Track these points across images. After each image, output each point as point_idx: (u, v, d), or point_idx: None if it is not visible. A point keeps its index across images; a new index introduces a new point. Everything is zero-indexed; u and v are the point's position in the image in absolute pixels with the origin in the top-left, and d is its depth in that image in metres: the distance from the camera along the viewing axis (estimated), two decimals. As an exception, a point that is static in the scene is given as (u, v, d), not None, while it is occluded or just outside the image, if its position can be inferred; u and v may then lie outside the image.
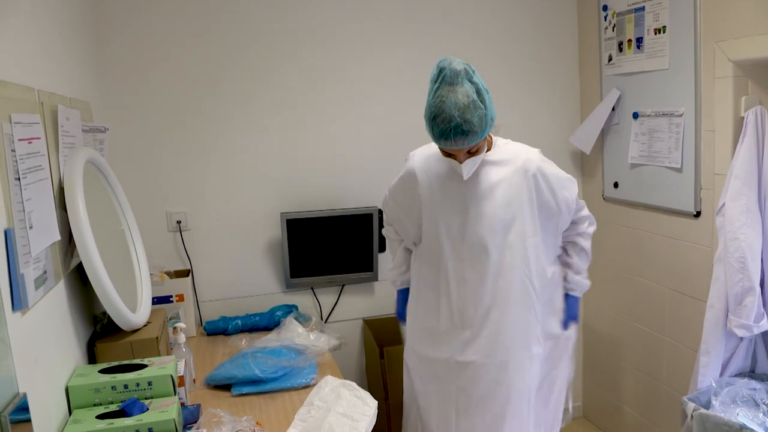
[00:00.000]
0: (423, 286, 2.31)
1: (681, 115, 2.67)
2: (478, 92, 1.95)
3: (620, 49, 3.01)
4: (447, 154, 2.09)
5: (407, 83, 3.07)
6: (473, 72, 1.97)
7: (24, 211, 1.41)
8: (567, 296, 2.37)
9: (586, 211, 2.34)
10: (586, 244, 2.36)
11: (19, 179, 1.40)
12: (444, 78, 1.95)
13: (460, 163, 2.06)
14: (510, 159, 2.16)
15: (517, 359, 2.19)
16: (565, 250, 2.37)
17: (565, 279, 2.36)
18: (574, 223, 2.31)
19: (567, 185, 2.22)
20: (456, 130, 1.92)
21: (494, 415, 2.22)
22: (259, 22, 2.91)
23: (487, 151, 2.16)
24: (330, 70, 3.03)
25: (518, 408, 2.22)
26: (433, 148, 2.21)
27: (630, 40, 2.93)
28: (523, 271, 2.17)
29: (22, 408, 1.24)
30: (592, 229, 2.37)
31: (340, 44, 3.03)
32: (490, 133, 2.15)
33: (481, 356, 2.19)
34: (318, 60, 3.00)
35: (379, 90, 3.09)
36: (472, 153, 2.06)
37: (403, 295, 2.47)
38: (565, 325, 2.35)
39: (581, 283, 2.37)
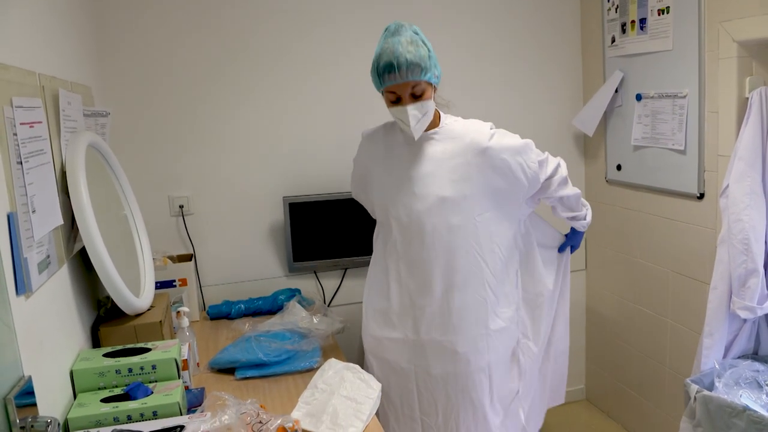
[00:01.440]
0: (375, 266, 2.35)
1: (684, 97, 2.66)
2: (423, 41, 2.02)
3: (623, 31, 2.99)
4: (392, 101, 2.07)
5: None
6: (419, 30, 2.05)
7: (26, 195, 1.41)
8: (572, 229, 2.47)
9: (551, 165, 2.28)
10: (567, 192, 2.33)
11: (21, 163, 1.39)
12: (388, 30, 2.04)
13: (405, 105, 2.03)
14: (457, 137, 2.15)
15: (472, 337, 2.19)
16: (554, 206, 2.41)
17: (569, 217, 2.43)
18: (548, 178, 2.27)
19: (521, 152, 2.17)
20: (400, 58, 1.96)
21: (455, 390, 2.23)
22: (264, 7, 2.89)
23: (433, 128, 2.17)
24: (332, 54, 3.00)
25: (478, 384, 2.22)
26: (382, 128, 2.28)
27: (633, 21, 2.91)
28: (474, 249, 2.16)
29: (27, 391, 1.25)
30: (565, 172, 2.32)
31: (343, 29, 3.00)
32: (438, 110, 2.17)
33: (436, 335, 2.20)
34: (320, 45, 2.98)
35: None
36: (417, 97, 2.03)
37: None
38: (562, 248, 2.42)
39: (583, 224, 2.44)
